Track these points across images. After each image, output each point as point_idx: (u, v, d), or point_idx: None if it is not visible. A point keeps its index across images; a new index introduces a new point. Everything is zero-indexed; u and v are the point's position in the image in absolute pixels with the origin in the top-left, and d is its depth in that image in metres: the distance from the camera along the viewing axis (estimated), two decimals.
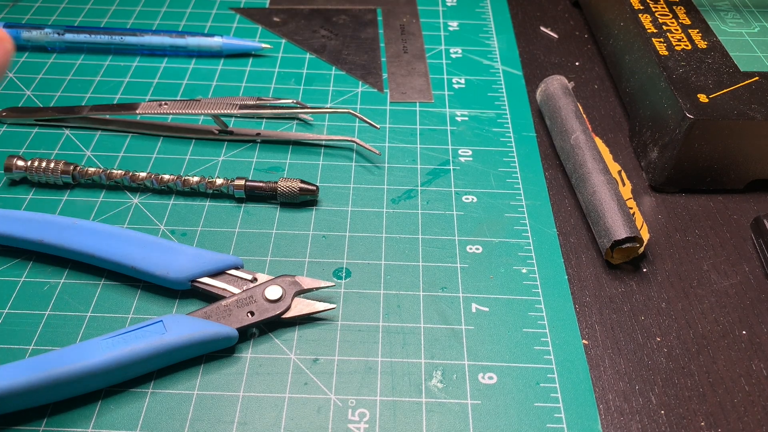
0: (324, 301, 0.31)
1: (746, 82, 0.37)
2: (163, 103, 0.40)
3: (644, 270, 0.34)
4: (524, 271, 0.34)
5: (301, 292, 0.31)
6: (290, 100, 0.42)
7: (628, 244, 0.33)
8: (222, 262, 0.31)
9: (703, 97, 0.36)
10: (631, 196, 0.36)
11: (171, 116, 0.42)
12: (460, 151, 0.40)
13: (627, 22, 0.43)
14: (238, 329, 0.30)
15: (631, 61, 0.42)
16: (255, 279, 0.31)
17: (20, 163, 0.37)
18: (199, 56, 0.47)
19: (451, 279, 0.33)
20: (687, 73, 0.37)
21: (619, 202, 0.34)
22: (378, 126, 0.40)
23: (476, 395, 0.29)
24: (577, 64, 0.48)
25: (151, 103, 0.40)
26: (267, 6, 0.52)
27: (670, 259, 0.35)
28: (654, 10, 0.43)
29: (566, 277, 0.33)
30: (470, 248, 0.35)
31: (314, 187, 0.36)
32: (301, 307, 0.31)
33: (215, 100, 0.40)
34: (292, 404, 0.28)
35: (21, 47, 0.47)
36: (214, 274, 0.31)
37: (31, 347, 0.30)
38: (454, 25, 0.51)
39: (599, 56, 0.48)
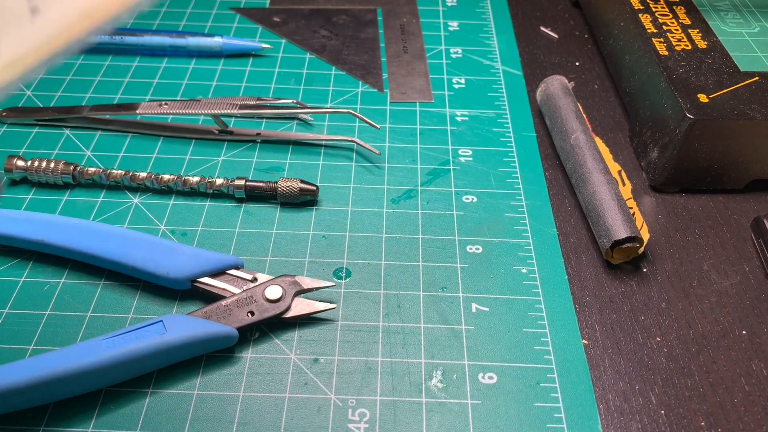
0: (324, 301, 0.31)
1: (746, 82, 0.37)
2: (163, 103, 0.40)
3: (644, 270, 0.34)
4: (524, 271, 0.34)
5: (301, 292, 0.31)
6: (290, 100, 0.42)
7: (628, 244, 0.33)
8: (222, 262, 0.31)
9: (703, 97, 0.36)
10: (631, 196, 0.36)
11: (171, 116, 0.42)
12: (460, 151, 0.40)
13: (627, 22, 0.43)
14: (238, 329, 0.30)
15: (631, 61, 0.42)
16: (255, 279, 0.31)
17: (20, 163, 0.37)
18: (199, 56, 0.47)
19: (451, 279, 0.33)
20: (687, 73, 0.37)
21: (619, 202, 0.34)
22: (378, 126, 0.40)
23: (476, 395, 0.29)
24: (577, 64, 0.48)
25: (151, 103, 0.40)
26: (267, 6, 0.52)
27: (670, 259, 0.35)
28: (654, 10, 0.43)
29: (566, 277, 0.33)
30: (470, 248, 0.35)
31: (314, 187, 0.36)
32: (301, 307, 0.31)
33: (215, 100, 0.40)
34: (292, 404, 0.28)
35: None
36: (214, 274, 0.31)
37: (31, 347, 0.30)
38: (454, 25, 0.51)
39: (599, 56, 0.48)
